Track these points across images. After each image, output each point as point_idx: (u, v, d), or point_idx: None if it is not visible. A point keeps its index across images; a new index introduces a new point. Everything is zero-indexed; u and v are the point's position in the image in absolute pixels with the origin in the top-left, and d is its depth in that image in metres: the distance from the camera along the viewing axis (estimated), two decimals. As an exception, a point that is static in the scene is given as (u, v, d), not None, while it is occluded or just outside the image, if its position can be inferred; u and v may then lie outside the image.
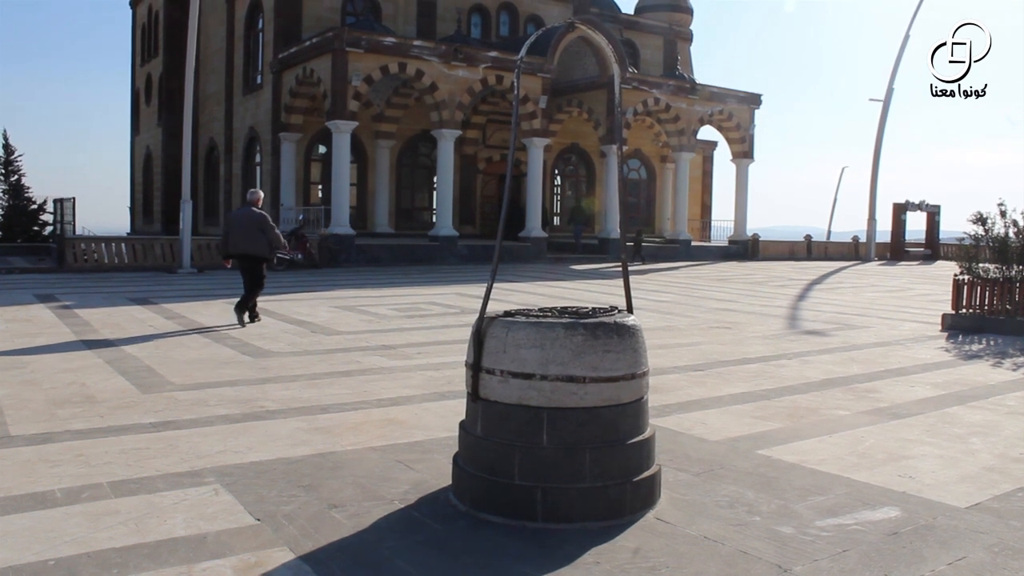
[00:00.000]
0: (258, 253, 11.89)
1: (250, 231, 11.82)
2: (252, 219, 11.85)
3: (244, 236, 11.85)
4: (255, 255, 11.89)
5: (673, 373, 8.64)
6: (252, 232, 11.81)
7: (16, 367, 8.53)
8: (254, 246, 11.84)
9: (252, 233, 11.81)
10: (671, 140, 35.46)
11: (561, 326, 4.30)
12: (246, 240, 11.85)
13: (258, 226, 11.82)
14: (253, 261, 11.93)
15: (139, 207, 45.67)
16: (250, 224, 11.83)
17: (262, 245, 11.87)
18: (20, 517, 4.35)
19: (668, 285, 20.76)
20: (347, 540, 4.09)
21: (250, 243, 11.84)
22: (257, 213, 11.95)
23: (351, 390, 7.58)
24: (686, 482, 4.99)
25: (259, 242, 11.84)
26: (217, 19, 35.27)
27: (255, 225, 11.82)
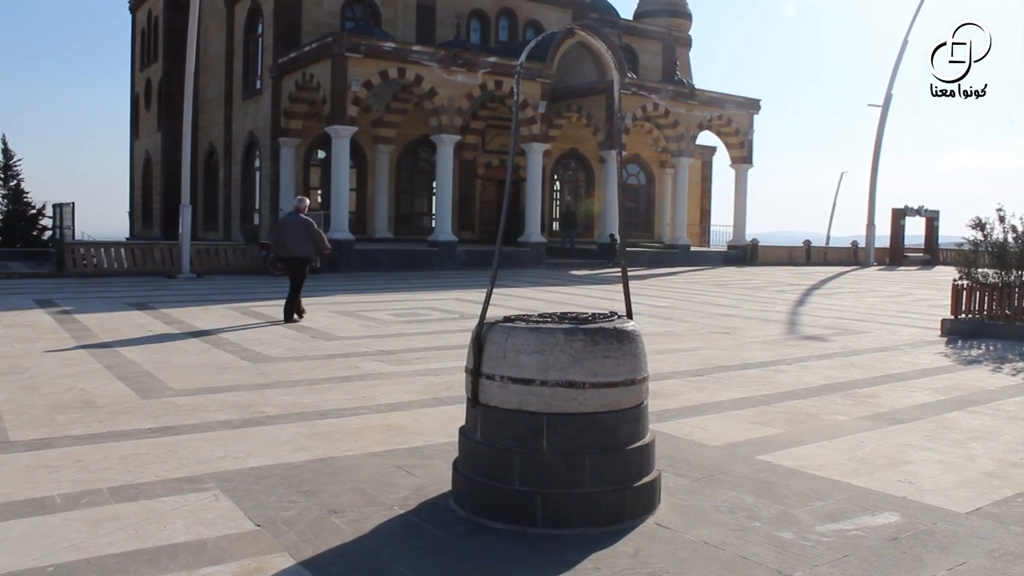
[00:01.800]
0: (306, 256, 12.94)
1: (299, 236, 12.84)
2: (301, 224, 12.87)
3: (294, 240, 12.86)
4: (304, 258, 12.93)
5: (672, 378, 8.64)
6: (301, 236, 12.83)
7: (15, 372, 8.53)
8: (303, 250, 12.86)
9: (301, 237, 12.84)
10: (670, 145, 35.49)
11: (561, 332, 4.30)
12: (296, 244, 12.85)
13: (306, 231, 12.84)
14: (301, 263, 12.95)
15: (138, 212, 45.66)
16: (299, 229, 12.85)
17: (310, 248, 12.90)
18: (19, 523, 4.35)
19: (667, 290, 20.77)
20: (347, 546, 4.08)
21: (299, 247, 12.85)
22: (304, 219, 12.94)
23: (351, 395, 7.58)
24: (686, 487, 4.99)
25: (307, 246, 12.86)
26: (217, 24, 35.31)
27: (303, 230, 12.84)
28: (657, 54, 41.60)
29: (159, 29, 40.82)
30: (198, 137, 35.08)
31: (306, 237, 12.86)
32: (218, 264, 24.54)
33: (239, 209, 33.94)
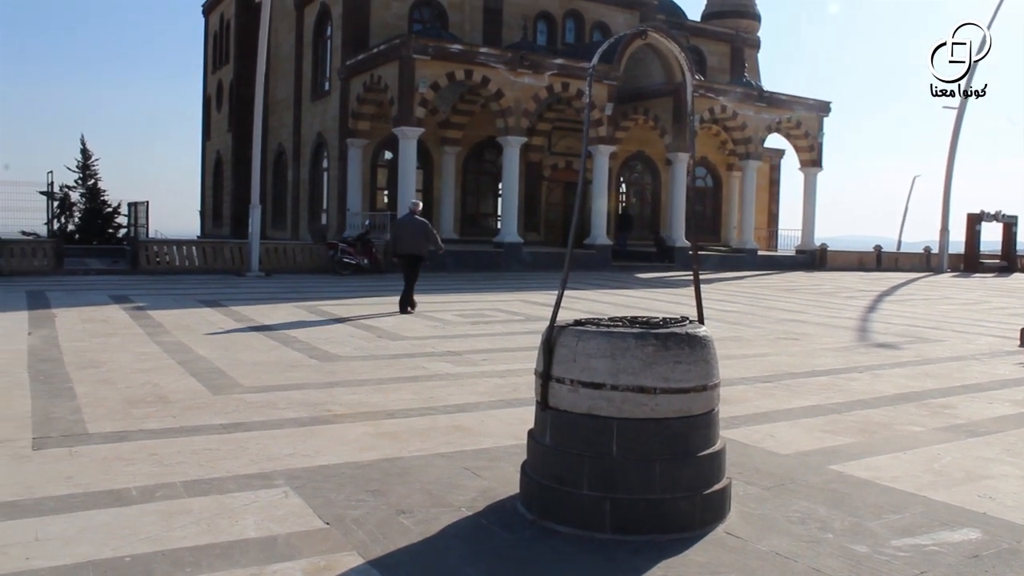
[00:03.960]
0: (421, 253, 14.20)
1: (416, 235, 14.13)
2: (417, 225, 14.19)
3: (411, 239, 14.16)
4: (419, 255, 14.16)
5: (740, 384, 8.52)
6: (417, 236, 14.11)
7: (93, 366, 8.74)
8: (419, 247, 14.12)
9: (417, 236, 14.11)
10: (738, 148, 35.07)
11: (632, 336, 4.26)
12: (412, 242, 14.13)
13: (422, 231, 14.16)
14: (416, 260, 14.17)
15: (209, 211, 46.57)
16: (416, 229, 14.16)
17: (424, 246, 14.16)
18: (99, 513, 4.46)
19: (734, 295, 20.52)
20: (415, 546, 4.10)
21: (415, 245, 14.12)
22: (420, 220, 14.32)
23: (417, 396, 7.61)
24: (756, 496, 4.91)
25: (422, 243, 14.14)
26: (287, 27, 35.83)
27: (419, 230, 14.16)
28: (725, 56, 41.13)
29: (231, 32, 41.59)
30: (267, 138, 35.60)
31: (421, 236, 14.11)
32: (286, 263, 24.88)
33: (307, 209, 34.38)
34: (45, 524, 4.27)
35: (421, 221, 14.33)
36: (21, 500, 4.62)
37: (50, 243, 23.60)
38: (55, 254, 22.55)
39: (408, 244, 14.24)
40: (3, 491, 4.76)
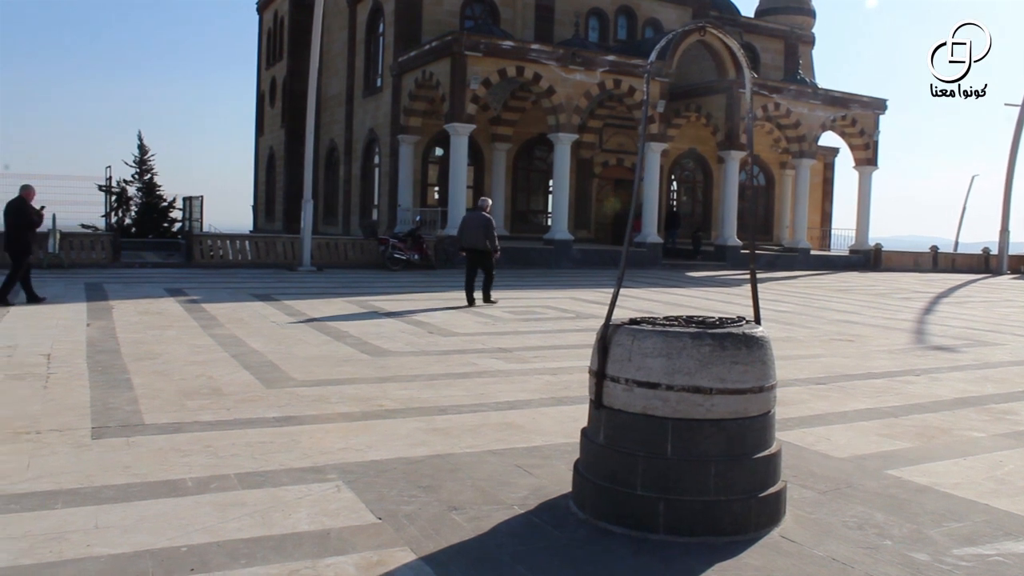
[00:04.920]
0: (481, 247, 14.92)
1: (478, 231, 14.91)
2: (481, 221, 14.98)
3: (473, 234, 14.97)
4: (480, 249, 14.94)
5: (794, 386, 8.40)
6: (479, 232, 14.88)
7: (149, 358, 8.88)
8: (478, 241, 14.88)
9: (479, 233, 14.89)
10: (791, 146, 34.66)
11: (688, 336, 4.22)
12: (474, 237, 14.94)
13: (483, 226, 14.89)
14: (480, 254, 15.03)
15: (262, 205, 47.14)
16: (479, 225, 14.94)
17: (482, 241, 14.86)
18: (155, 503, 4.52)
19: (787, 295, 20.28)
20: (468, 543, 4.09)
21: (477, 240, 14.90)
22: (485, 217, 15.09)
23: (468, 392, 7.62)
24: (811, 500, 4.84)
25: (481, 239, 14.87)
26: (340, 23, 36.11)
27: (482, 227, 14.89)
28: (778, 52, 40.66)
29: (284, 29, 42.03)
30: (320, 134, 35.94)
31: (481, 231, 14.85)
32: (337, 258, 25.07)
33: (358, 205, 34.65)
34: (104, 512, 4.34)
35: (485, 217, 15.08)
36: (82, 488, 4.71)
37: (108, 236, 24.04)
38: (113, 247, 22.97)
39: (469, 238, 15.06)
40: (65, 479, 4.85)
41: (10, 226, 13.75)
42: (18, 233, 13.66)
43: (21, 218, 13.64)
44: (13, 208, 13.73)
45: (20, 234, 13.67)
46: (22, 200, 13.76)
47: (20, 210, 13.65)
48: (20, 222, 13.66)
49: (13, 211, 13.71)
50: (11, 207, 13.75)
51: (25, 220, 13.67)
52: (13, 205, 13.75)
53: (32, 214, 13.76)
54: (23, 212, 13.64)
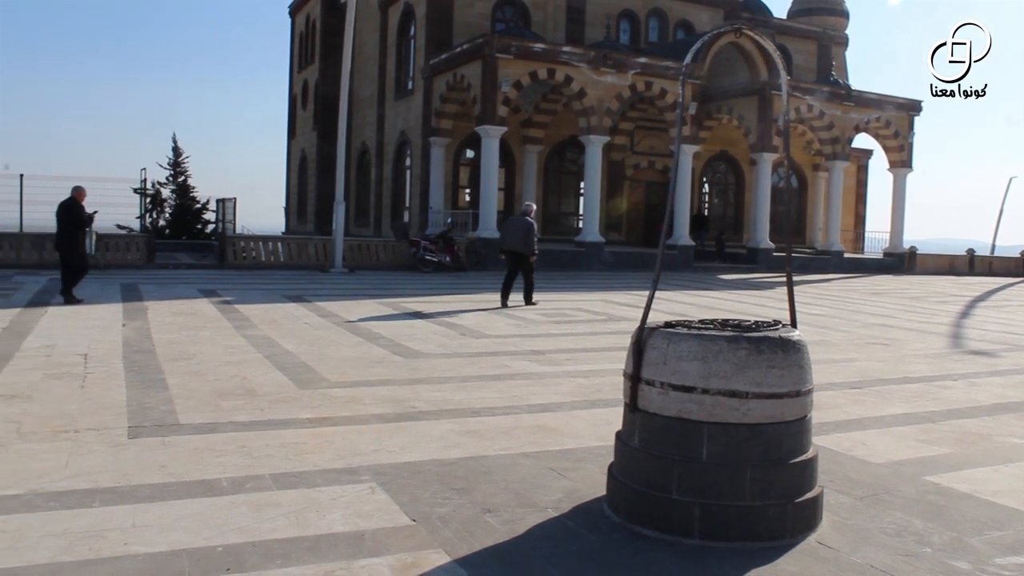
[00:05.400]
0: (520, 250, 15.26)
1: (518, 234, 15.31)
2: (523, 225, 15.39)
3: (515, 238, 15.35)
4: (520, 252, 15.26)
5: (829, 390, 8.32)
6: (520, 235, 15.28)
7: (184, 358, 8.95)
8: (520, 246, 15.24)
9: (518, 234, 15.30)
10: (824, 148, 34.39)
11: (724, 339, 4.18)
12: (513, 240, 15.34)
13: (524, 230, 15.29)
14: (520, 257, 15.32)
15: (294, 207, 47.44)
16: (521, 229, 15.35)
17: (521, 245, 15.23)
18: (191, 502, 4.55)
19: (820, 298, 20.11)
20: (502, 546, 4.08)
21: (516, 243, 15.28)
22: (528, 221, 15.49)
23: (501, 394, 7.61)
24: (848, 506, 4.78)
25: (521, 242, 15.24)
26: (371, 27, 36.27)
27: (525, 230, 15.29)
28: (811, 54, 40.34)
29: (316, 32, 42.28)
30: (351, 136, 36.12)
31: (521, 235, 15.24)
32: (369, 260, 25.17)
33: (389, 207, 34.78)
34: (141, 511, 4.38)
35: (528, 222, 15.46)
36: (119, 487, 4.75)
37: (143, 238, 24.29)
38: (147, 248, 23.21)
39: (509, 240, 15.45)
40: (103, 477, 4.90)
41: (61, 225, 14.08)
42: (69, 233, 14.01)
43: (72, 218, 13.99)
44: (65, 208, 14.08)
45: (70, 234, 14.02)
46: (74, 200, 14.13)
47: (71, 210, 13.99)
48: (71, 222, 14.00)
49: (65, 211, 14.06)
50: (63, 207, 14.11)
51: (75, 220, 14.02)
52: (65, 205, 14.11)
53: (82, 214, 14.10)
54: (74, 212, 13.99)
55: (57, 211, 14.19)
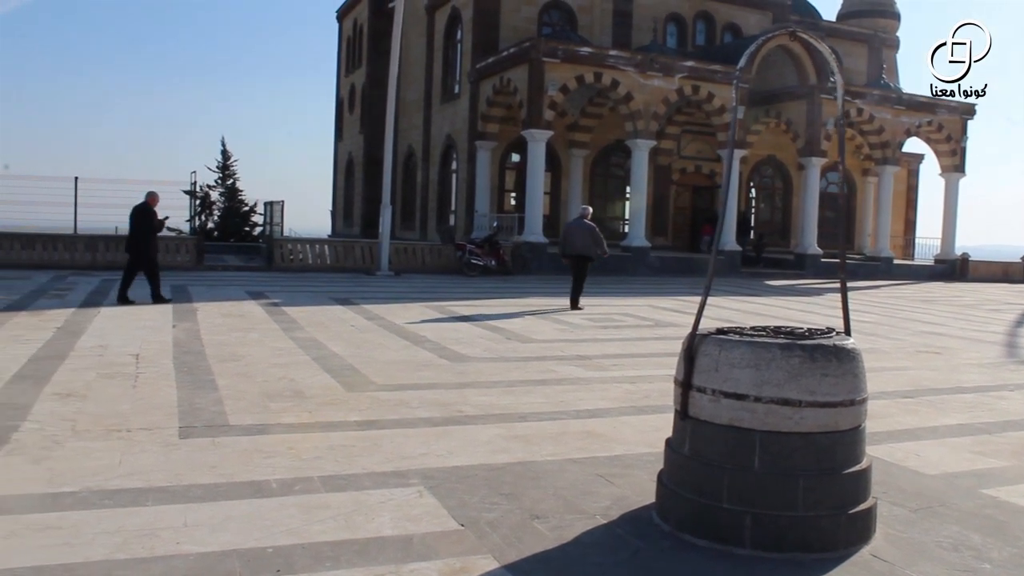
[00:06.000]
0: (588, 254, 15.60)
1: (584, 238, 15.55)
2: (585, 229, 15.65)
3: (579, 241, 15.59)
4: (586, 256, 15.58)
5: (880, 399, 8.17)
6: (585, 239, 15.52)
7: (233, 359, 9.04)
8: (586, 249, 15.52)
9: (585, 239, 15.52)
10: (874, 153, 33.91)
11: (777, 347, 4.13)
12: (580, 244, 15.57)
13: (589, 234, 15.55)
14: (583, 260, 15.60)
15: (340, 210, 47.79)
16: (584, 233, 15.60)
17: (591, 248, 15.54)
18: (241, 503, 4.59)
19: (869, 305, 19.83)
20: (550, 553, 4.06)
21: (583, 247, 15.52)
22: (589, 224, 15.73)
23: (548, 399, 7.59)
24: (902, 518, 4.69)
25: (589, 246, 15.52)
26: (418, 31, 36.44)
27: (587, 234, 15.56)
28: (861, 57, 39.80)
29: (363, 36, 42.57)
30: (398, 139, 36.30)
31: (588, 239, 15.51)
32: (415, 263, 25.28)
33: (435, 210, 34.91)
34: (192, 511, 4.43)
35: (589, 225, 15.71)
36: (171, 486, 4.81)
37: (192, 240, 24.62)
38: (196, 250, 23.53)
39: (576, 245, 15.62)
40: (154, 477, 4.96)
41: (135, 229, 14.43)
42: (141, 236, 14.36)
43: (145, 222, 14.35)
44: (139, 212, 14.43)
45: (144, 237, 14.38)
46: (147, 205, 14.50)
47: (145, 215, 14.35)
48: (144, 226, 14.35)
49: (138, 215, 14.41)
50: (138, 212, 14.46)
51: (149, 224, 14.38)
52: (139, 210, 14.46)
53: (155, 219, 14.46)
54: (147, 217, 14.35)
55: (131, 215, 14.56)
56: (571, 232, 15.99)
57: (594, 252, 15.61)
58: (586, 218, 15.98)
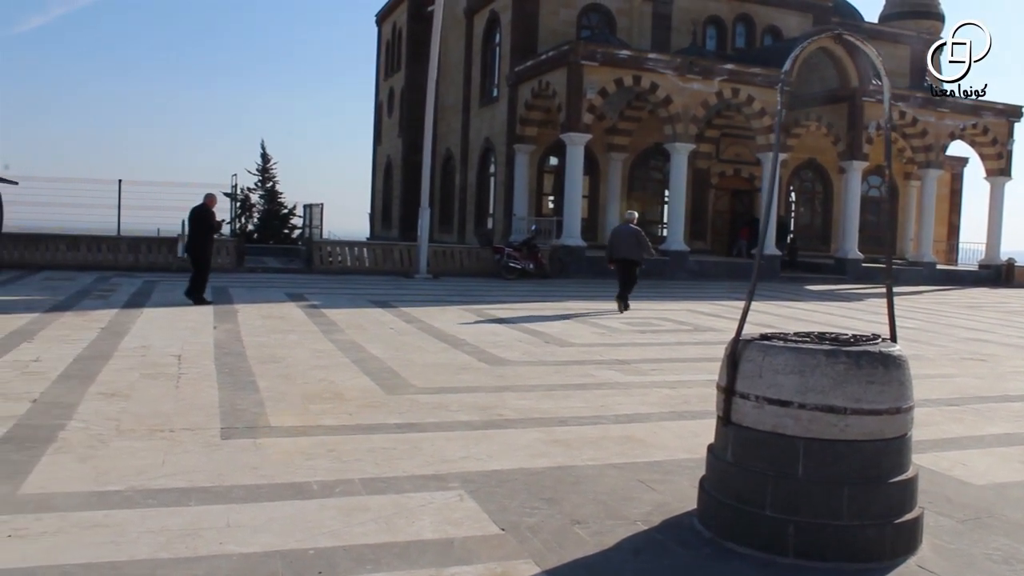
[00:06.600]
0: (634, 258, 15.84)
1: (630, 242, 15.83)
2: (631, 233, 15.94)
3: (625, 246, 15.84)
4: (632, 260, 15.81)
5: (925, 406, 8.03)
6: (631, 243, 15.81)
7: (273, 361, 9.11)
8: (632, 253, 15.78)
9: (631, 244, 15.80)
10: (917, 156, 33.45)
11: (822, 353, 4.08)
12: (626, 248, 15.81)
13: (636, 239, 15.84)
14: (630, 264, 15.87)
15: (378, 213, 48.00)
16: (630, 237, 15.89)
17: (637, 252, 15.80)
18: (282, 505, 4.62)
19: (912, 311, 19.55)
20: (591, 558, 4.04)
21: (629, 251, 15.81)
22: (635, 229, 16.03)
23: (587, 404, 7.57)
24: (949, 529, 4.61)
25: (635, 250, 15.79)
26: (457, 34, 36.54)
27: (633, 238, 15.85)
28: (904, 59, 39.25)
29: (402, 40, 42.74)
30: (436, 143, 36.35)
31: (635, 243, 15.78)
32: (453, 266, 25.32)
33: (473, 213, 34.95)
34: (235, 512, 4.46)
35: (635, 229, 15.99)
36: (214, 487, 4.85)
37: (233, 242, 24.83)
38: (237, 253, 23.74)
39: (623, 250, 15.87)
40: (197, 477, 5.01)
41: (194, 230, 14.84)
42: (201, 237, 14.74)
43: (204, 224, 14.74)
44: (197, 214, 14.81)
45: (203, 238, 14.75)
46: (206, 207, 14.89)
47: (203, 216, 14.74)
48: (203, 228, 14.74)
49: (197, 217, 14.80)
50: (197, 214, 14.83)
51: (207, 226, 14.79)
52: (198, 212, 14.84)
53: (213, 220, 14.90)
54: (206, 218, 14.75)
55: (190, 216, 14.99)
56: (617, 237, 16.25)
57: (639, 256, 15.83)
58: (631, 223, 16.24)
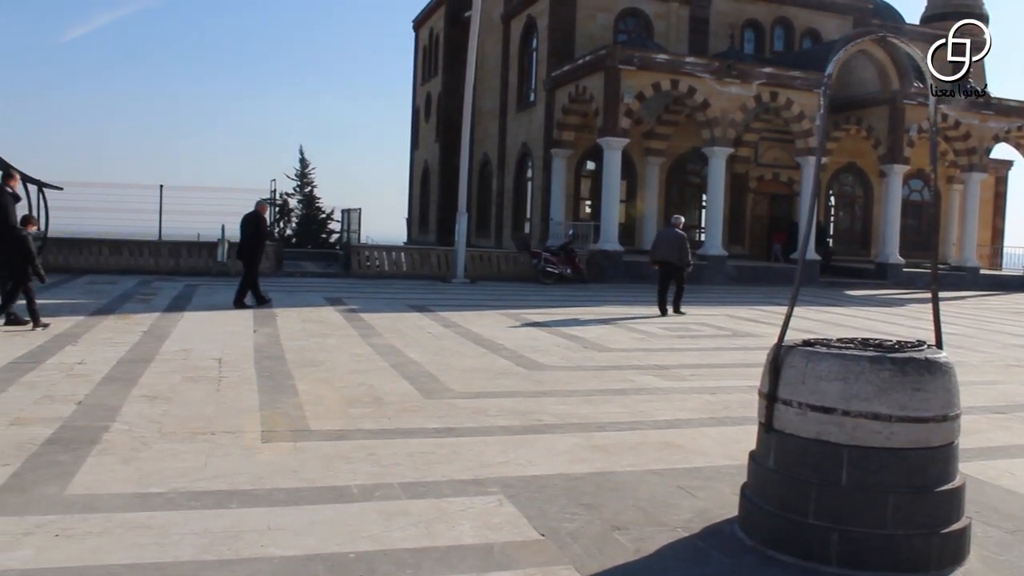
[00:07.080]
0: (674, 262, 15.84)
1: (671, 246, 15.90)
2: (675, 237, 16.04)
3: (667, 249, 15.94)
4: (672, 263, 15.85)
5: (970, 414, 7.88)
6: (673, 247, 15.86)
7: (312, 365, 9.17)
8: (673, 256, 15.80)
9: (672, 247, 15.86)
10: (959, 159, 32.96)
11: (867, 359, 4.03)
12: (667, 252, 15.89)
13: (676, 242, 15.88)
14: (671, 268, 15.92)
15: (416, 218, 48.20)
16: (673, 240, 15.97)
17: (676, 255, 15.78)
18: (323, 508, 4.64)
19: (955, 316, 19.28)
20: (632, 565, 4.02)
21: (668, 253, 15.87)
22: (679, 233, 16.15)
23: (626, 409, 7.53)
24: (998, 540, 4.53)
25: (674, 253, 15.80)
26: (494, 39, 36.60)
27: (676, 242, 15.89)
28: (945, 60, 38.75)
29: (439, 46, 42.90)
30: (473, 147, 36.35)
31: (675, 246, 15.83)
32: (490, 270, 25.34)
33: (510, 218, 34.97)
34: (276, 515, 4.49)
35: (679, 234, 16.11)
36: (254, 490, 4.89)
37: (271, 247, 24.97)
38: (276, 257, 23.90)
39: (661, 252, 16.04)
40: (238, 480, 5.05)
41: (246, 237, 15.09)
42: (252, 243, 15.01)
43: (256, 230, 15.06)
44: (250, 221, 15.14)
45: (254, 244, 15.03)
46: (258, 214, 15.27)
47: (255, 223, 15.09)
48: (256, 234, 15.05)
49: (250, 224, 15.12)
50: (250, 220, 15.16)
51: (259, 232, 15.13)
52: (250, 218, 15.16)
53: (265, 226, 15.31)
54: (258, 225, 15.12)
55: (242, 223, 15.26)
56: (660, 238, 16.51)
57: (676, 259, 15.81)
58: (678, 227, 16.37)
